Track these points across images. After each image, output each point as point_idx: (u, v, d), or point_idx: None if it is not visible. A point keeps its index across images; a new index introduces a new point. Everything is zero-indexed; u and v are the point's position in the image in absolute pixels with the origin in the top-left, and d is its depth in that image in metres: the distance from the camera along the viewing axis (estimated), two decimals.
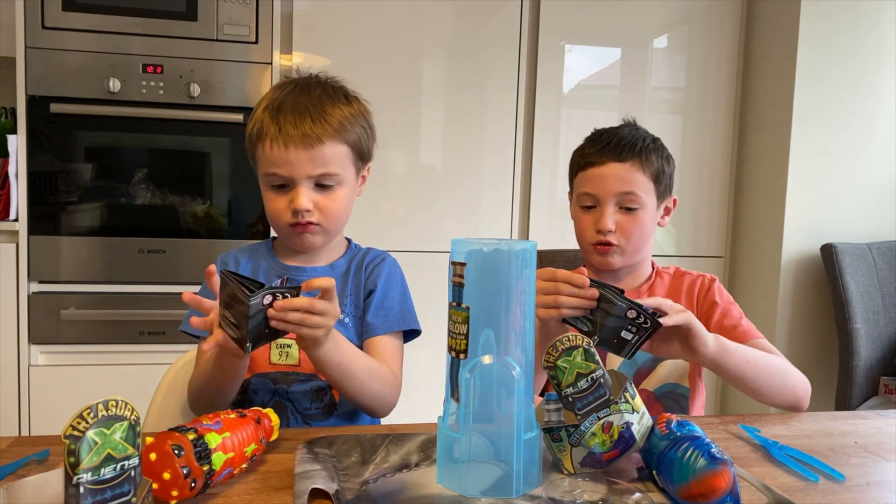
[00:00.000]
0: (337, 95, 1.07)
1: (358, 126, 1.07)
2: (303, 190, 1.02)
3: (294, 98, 1.03)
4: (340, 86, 1.11)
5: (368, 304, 1.10)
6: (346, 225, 1.12)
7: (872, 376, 2.17)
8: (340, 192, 1.06)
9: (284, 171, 1.02)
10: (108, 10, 2.09)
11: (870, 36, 2.32)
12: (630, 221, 1.15)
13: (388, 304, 1.11)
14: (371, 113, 1.12)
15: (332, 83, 1.10)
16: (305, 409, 1.07)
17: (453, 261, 0.75)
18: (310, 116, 1.01)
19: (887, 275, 2.26)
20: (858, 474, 0.83)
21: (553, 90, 2.43)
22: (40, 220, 2.09)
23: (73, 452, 0.54)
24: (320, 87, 1.07)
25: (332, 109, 1.04)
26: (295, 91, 1.05)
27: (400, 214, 2.36)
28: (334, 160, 1.03)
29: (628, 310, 0.91)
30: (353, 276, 1.12)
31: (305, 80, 1.09)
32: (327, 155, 1.02)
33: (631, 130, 1.19)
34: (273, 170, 1.02)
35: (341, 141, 1.04)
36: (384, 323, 1.09)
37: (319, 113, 1.02)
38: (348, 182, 1.07)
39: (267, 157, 1.03)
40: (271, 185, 1.04)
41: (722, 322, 1.16)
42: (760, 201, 2.46)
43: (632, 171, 1.14)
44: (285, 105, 1.03)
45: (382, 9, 2.29)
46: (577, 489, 0.75)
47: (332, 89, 1.08)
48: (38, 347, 2.12)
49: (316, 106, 1.03)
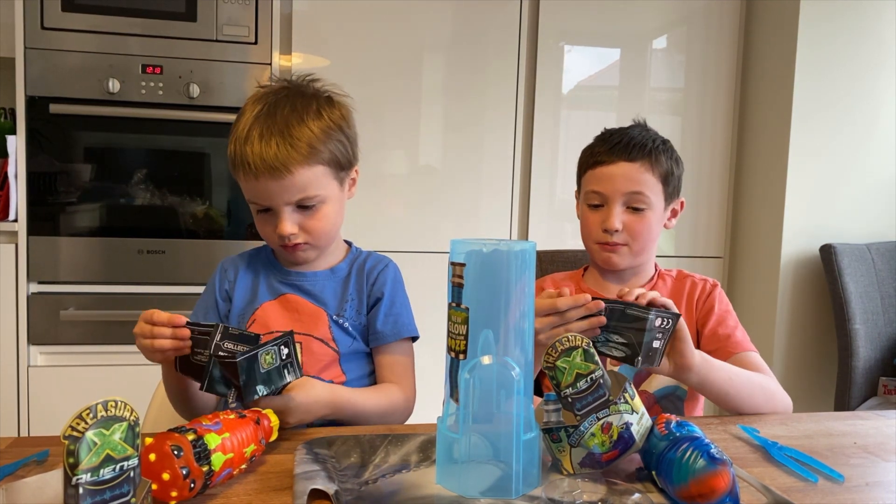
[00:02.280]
0: (307, 109, 1.02)
1: (332, 141, 1.03)
2: (284, 216, 1.02)
3: (262, 122, 1.00)
4: (314, 91, 1.07)
5: (376, 311, 1.10)
6: (339, 230, 1.12)
7: (871, 377, 2.17)
8: (325, 210, 1.05)
9: (262, 201, 1.02)
10: (108, 11, 2.09)
11: (869, 36, 2.32)
12: (637, 221, 1.15)
13: (395, 310, 1.11)
14: (349, 113, 1.08)
15: (305, 90, 1.06)
16: None
17: (452, 261, 0.75)
18: (275, 143, 0.98)
19: (886, 275, 2.26)
20: (858, 475, 0.83)
21: (552, 91, 2.43)
22: (40, 221, 2.09)
23: (72, 453, 0.54)
24: (289, 102, 1.02)
25: (299, 130, 1.00)
26: (263, 113, 1.01)
27: (399, 215, 2.36)
28: (309, 184, 1.01)
29: (656, 318, 0.90)
30: (355, 281, 1.12)
31: (276, 93, 1.04)
32: (299, 182, 1.00)
33: (641, 131, 1.18)
34: (252, 199, 1.03)
35: (314, 163, 1.01)
36: (394, 330, 1.10)
37: (286, 138, 0.99)
38: (332, 197, 1.05)
39: (244, 187, 1.03)
40: (256, 210, 1.05)
41: (716, 329, 1.15)
42: (760, 202, 2.46)
43: (641, 171, 1.14)
44: (252, 133, 1.00)
45: (382, 9, 2.29)
46: (577, 490, 0.75)
47: (303, 101, 1.03)
48: (37, 348, 2.11)
49: (283, 131, 0.99)
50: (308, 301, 1.10)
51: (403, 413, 1.08)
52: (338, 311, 1.09)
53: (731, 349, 1.12)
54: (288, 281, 1.11)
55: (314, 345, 1.08)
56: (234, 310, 1.11)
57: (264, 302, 1.10)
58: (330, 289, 1.11)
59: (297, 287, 1.11)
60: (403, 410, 1.08)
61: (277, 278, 1.11)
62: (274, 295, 1.11)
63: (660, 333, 0.91)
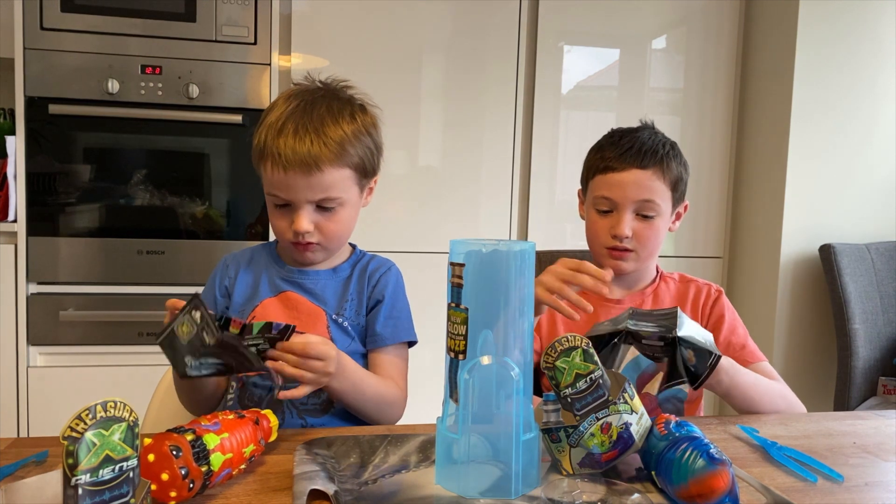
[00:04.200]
0: (342, 111, 1.04)
1: (361, 146, 1.04)
2: (303, 213, 1.02)
3: (297, 117, 1.01)
4: (349, 97, 1.08)
5: (376, 313, 1.11)
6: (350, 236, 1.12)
7: (871, 377, 2.17)
8: (342, 213, 1.05)
9: (285, 195, 1.02)
10: (107, 11, 2.09)
11: (868, 37, 2.32)
12: (647, 228, 1.15)
13: (396, 313, 1.12)
14: (378, 122, 1.10)
15: (341, 94, 1.07)
16: (302, 404, 1.07)
17: (452, 261, 0.75)
18: (310, 140, 0.99)
19: (886, 275, 2.26)
20: (857, 475, 0.83)
21: (552, 91, 2.43)
22: (39, 221, 2.09)
23: (71, 454, 0.54)
24: (325, 102, 1.04)
25: (334, 130, 1.01)
26: (299, 109, 1.02)
27: (399, 215, 2.36)
28: (335, 185, 1.02)
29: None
30: (356, 282, 1.12)
31: (312, 92, 1.06)
32: (327, 181, 1.01)
33: (651, 135, 1.17)
34: (275, 191, 1.03)
35: (343, 165, 1.02)
36: (393, 333, 1.10)
37: (320, 136, 1.00)
38: (350, 202, 1.06)
39: (268, 178, 1.03)
40: (274, 203, 1.05)
41: (730, 339, 1.16)
42: (759, 202, 2.46)
43: (653, 178, 1.13)
44: (287, 126, 1.00)
45: (381, 10, 2.29)
46: (576, 490, 0.75)
47: (339, 104, 1.05)
48: (36, 348, 2.11)
49: (318, 128, 1.00)
50: (308, 299, 1.10)
51: (398, 409, 1.08)
52: (337, 311, 1.10)
53: (747, 359, 1.12)
54: (289, 278, 1.11)
55: None
56: (233, 306, 1.11)
57: (265, 298, 1.10)
58: (331, 288, 1.11)
59: (298, 285, 1.11)
60: (399, 407, 1.08)
61: (279, 275, 1.12)
62: (275, 292, 1.11)
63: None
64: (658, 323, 0.94)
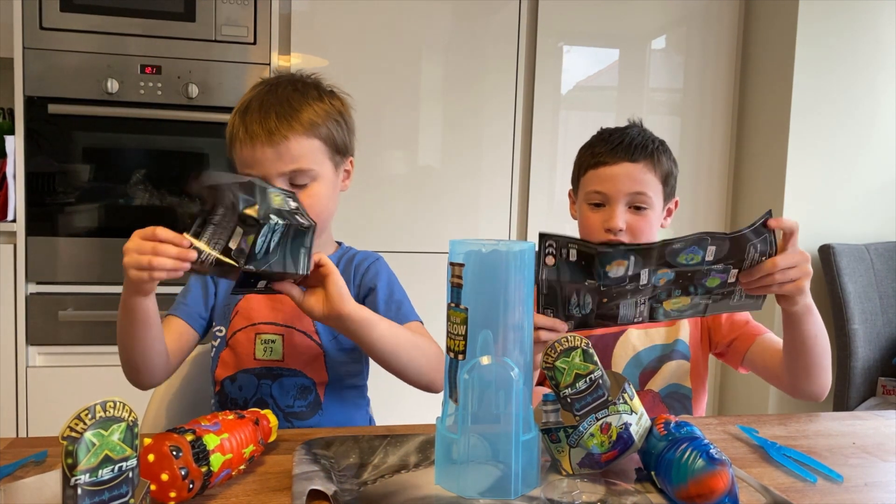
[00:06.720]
0: (307, 90, 1.05)
1: (330, 120, 1.04)
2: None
3: (262, 97, 1.03)
4: (315, 80, 1.09)
5: (374, 301, 1.09)
6: (330, 221, 1.10)
7: (870, 377, 2.17)
8: (316, 188, 1.03)
9: (256, 171, 1.00)
10: (106, 11, 2.09)
11: (867, 36, 2.32)
12: (639, 221, 1.15)
13: (396, 297, 1.10)
14: (348, 106, 1.10)
15: (306, 79, 1.08)
16: (288, 407, 1.06)
17: (451, 262, 0.75)
18: (275, 113, 1.00)
19: (885, 276, 2.26)
20: (856, 475, 0.83)
21: (551, 91, 2.43)
22: (38, 221, 2.08)
23: (70, 454, 0.54)
24: (291, 84, 1.05)
25: (299, 104, 1.02)
26: (264, 91, 1.04)
27: (398, 215, 2.36)
28: (304, 155, 1.01)
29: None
30: (343, 272, 1.11)
31: (276, 79, 1.08)
32: (295, 150, 1.00)
33: (640, 132, 1.19)
34: (246, 171, 1.02)
35: (311, 135, 1.02)
36: (398, 316, 1.07)
37: (285, 109, 1.01)
38: (325, 177, 1.04)
39: (239, 159, 1.03)
40: None
41: (732, 317, 1.18)
42: (758, 202, 2.46)
43: (644, 171, 1.14)
44: (252, 105, 1.02)
45: (381, 9, 2.29)
46: (576, 490, 0.75)
47: (304, 85, 1.06)
48: (35, 348, 2.11)
49: (283, 103, 1.01)
50: None
51: (435, 357, 1.01)
52: None
53: (753, 332, 1.15)
54: None
55: (297, 337, 1.07)
56: (218, 302, 1.11)
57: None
58: None
59: None
60: (435, 354, 1.01)
61: None
62: None
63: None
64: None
